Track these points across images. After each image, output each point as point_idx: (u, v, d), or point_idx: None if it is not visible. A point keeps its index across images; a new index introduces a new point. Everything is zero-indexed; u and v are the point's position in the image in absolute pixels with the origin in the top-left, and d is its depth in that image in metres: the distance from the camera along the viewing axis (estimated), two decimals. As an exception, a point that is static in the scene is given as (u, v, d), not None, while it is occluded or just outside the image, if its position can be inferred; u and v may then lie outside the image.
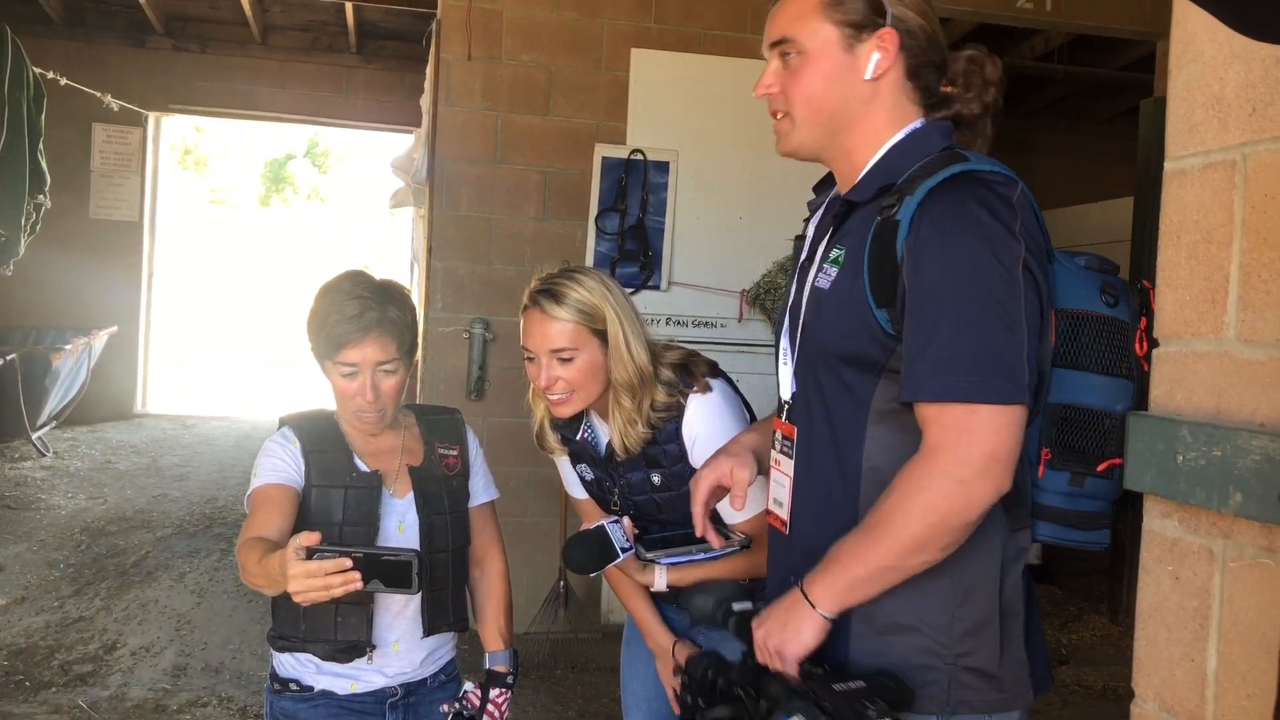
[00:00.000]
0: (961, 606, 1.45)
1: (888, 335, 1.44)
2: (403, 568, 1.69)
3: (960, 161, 1.44)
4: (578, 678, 4.49)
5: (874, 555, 1.40)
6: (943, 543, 1.38)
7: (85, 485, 7.27)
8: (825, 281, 1.53)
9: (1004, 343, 1.36)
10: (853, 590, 1.43)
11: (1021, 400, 1.36)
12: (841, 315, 1.49)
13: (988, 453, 1.35)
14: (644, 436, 2.06)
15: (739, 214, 5.06)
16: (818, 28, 1.51)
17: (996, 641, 1.47)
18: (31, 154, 6.17)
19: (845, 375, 1.50)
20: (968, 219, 1.38)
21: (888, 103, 1.53)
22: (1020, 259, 1.38)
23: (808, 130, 1.56)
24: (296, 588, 1.64)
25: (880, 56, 1.50)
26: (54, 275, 8.97)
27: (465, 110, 4.86)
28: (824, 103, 1.53)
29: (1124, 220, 5.72)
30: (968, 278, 1.36)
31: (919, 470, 1.38)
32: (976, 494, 1.36)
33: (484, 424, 4.66)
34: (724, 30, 5.01)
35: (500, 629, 2.24)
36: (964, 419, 1.35)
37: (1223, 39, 1.22)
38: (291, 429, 2.12)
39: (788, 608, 1.48)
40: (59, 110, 7.51)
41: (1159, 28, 5.37)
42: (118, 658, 4.36)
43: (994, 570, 1.46)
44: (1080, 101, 9.25)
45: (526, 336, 2.07)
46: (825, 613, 1.45)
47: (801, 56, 1.52)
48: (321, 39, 9.46)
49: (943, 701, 1.46)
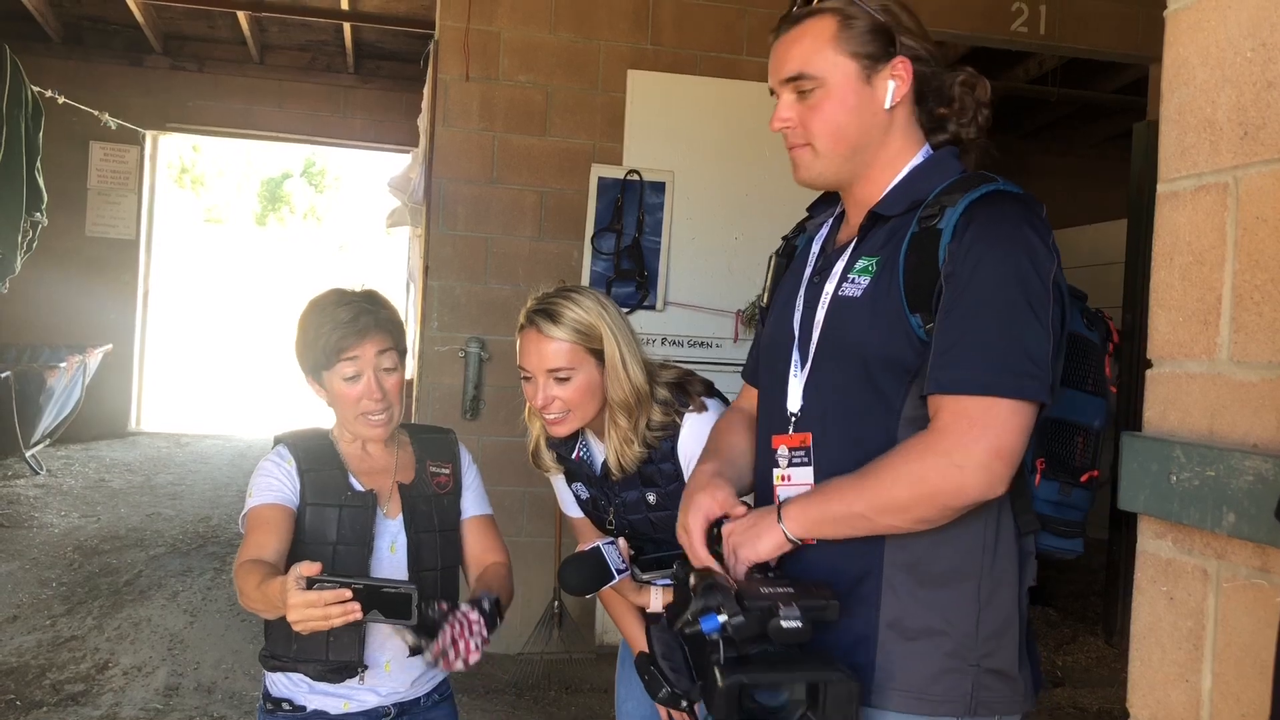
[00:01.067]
0: (986, 609, 1.48)
1: (921, 342, 1.47)
2: (402, 600, 1.69)
3: (992, 182, 1.49)
4: (572, 699, 4.47)
5: (854, 500, 1.44)
6: (921, 514, 1.42)
7: (78, 503, 7.24)
8: (855, 290, 1.55)
9: (1036, 343, 1.40)
10: (822, 524, 1.47)
11: (1044, 398, 1.40)
12: (878, 321, 1.51)
13: (993, 446, 1.38)
14: (640, 456, 2.06)
15: (734, 234, 5.08)
16: (835, 61, 1.54)
17: (1015, 643, 1.51)
18: (29, 172, 6.18)
19: (879, 380, 1.51)
20: (1011, 229, 1.44)
21: (902, 129, 1.59)
22: (1053, 273, 1.43)
23: (830, 160, 1.59)
24: (296, 617, 1.65)
25: (897, 85, 1.55)
26: (50, 293, 8.97)
27: (462, 130, 4.88)
28: (847, 133, 1.56)
29: (1117, 242, 5.75)
30: (1009, 281, 1.41)
31: (922, 443, 1.42)
32: (970, 482, 1.38)
33: (479, 443, 4.66)
34: (719, 52, 5.04)
35: (487, 583, 2.09)
36: (978, 410, 1.39)
37: (1214, 63, 1.23)
38: (287, 447, 2.12)
39: (759, 516, 1.53)
40: (57, 128, 7.54)
41: (1152, 51, 5.41)
42: (110, 677, 4.33)
43: (1014, 573, 1.50)
44: (1074, 125, 9.31)
45: (523, 356, 2.08)
46: (790, 532, 1.49)
47: (822, 90, 1.55)
48: (319, 59, 9.50)
49: (967, 704, 1.48)
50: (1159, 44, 1.33)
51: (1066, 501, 1.51)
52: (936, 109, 1.61)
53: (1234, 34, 1.20)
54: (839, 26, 1.54)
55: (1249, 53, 1.18)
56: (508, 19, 4.89)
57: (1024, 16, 5.34)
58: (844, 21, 1.54)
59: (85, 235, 9.39)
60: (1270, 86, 1.15)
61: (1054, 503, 1.51)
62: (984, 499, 1.40)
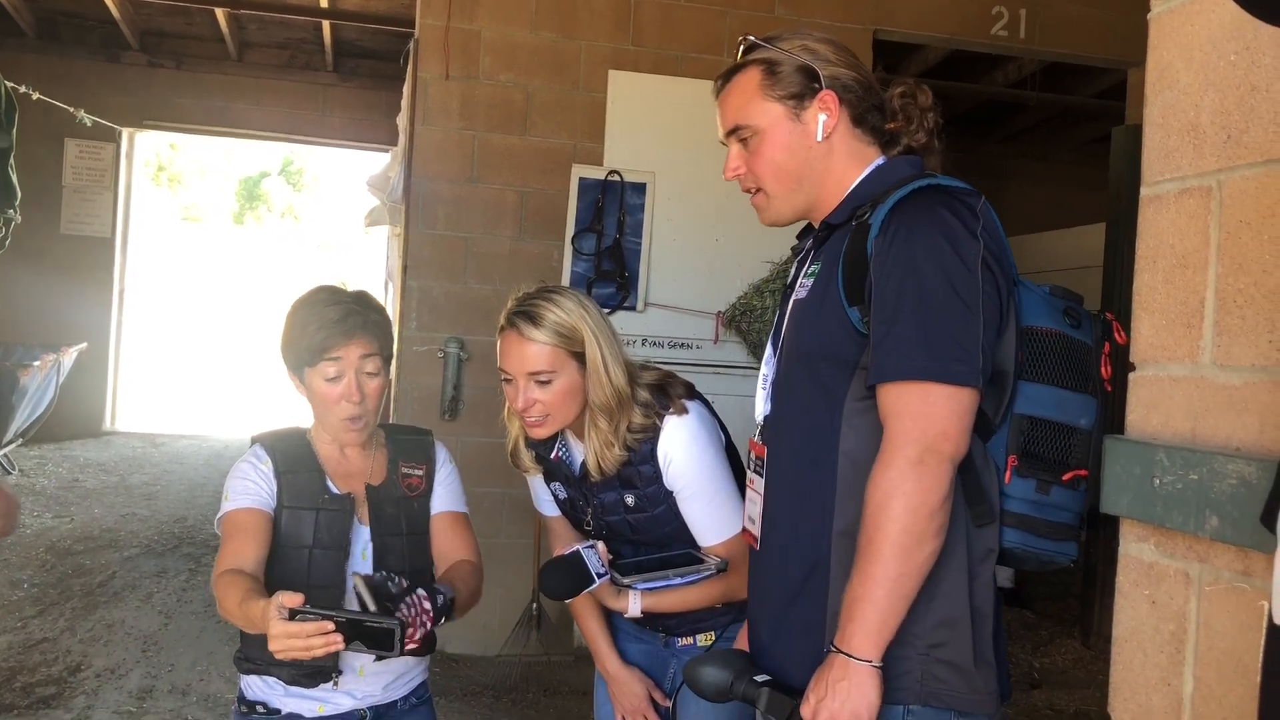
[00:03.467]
0: (934, 596, 1.49)
1: (859, 334, 1.53)
2: (385, 634, 1.68)
3: (929, 178, 1.56)
4: (550, 701, 4.45)
5: (882, 571, 1.43)
6: (934, 526, 1.43)
7: (52, 504, 7.17)
8: (803, 293, 1.64)
9: (959, 329, 1.44)
10: (884, 619, 1.44)
11: (974, 383, 1.44)
12: (818, 317, 1.59)
13: (939, 432, 1.43)
14: (620, 459, 2.05)
15: (715, 235, 5.07)
16: (764, 108, 1.65)
17: (969, 636, 1.51)
18: (2, 168, 6.11)
19: (822, 375, 1.58)
20: (931, 219, 1.49)
21: (843, 152, 1.66)
22: (980, 256, 1.47)
23: (780, 199, 1.69)
24: (277, 646, 1.64)
25: (826, 117, 1.64)
26: (23, 291, 8.88)
27: (442, 129, 4.86)
28: (788, 170, 1.66)
29: (1096, 246, 5.78)
30: (927, 269, 1.46)
31: (881, 467, 1.46)
32: (934, 469, 1.42)
33: (458, 444, 4.61)
34: (701, 53, 5.03)
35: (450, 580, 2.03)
36: (917, 403, 1.44)
37: (1198, 66, 1.23)
38: (264, 448, 2.09)
39: (835, 678, 1.45)
40: (31, 125, 7.44)
41: (1131, 56, 5.44)
42: (82, 679, 4.28)
43: (960, 560, 1.51)
44: (1053, 129, 9.36)
45: (504, 359, 2.06)
46: (871, 659, 1.44)
47: (757, 136, 1.66)
48: (298, 57, 9.44)
49: (915, 691, 1.50)
50: (1138, 49, 1.33)
51: (1047, 501, 1.50)
52: (884, 125, 1.69)
53: (1217, 37, 1.20)
54: (763, 75, 1.65)
55: (1232, 56, 1.18)
56: (488, 18, 4.87)
57: (1004, 21, 5.36)
58: (767, 69, 1.65)
59: (60, 233, 9.29)
60: (1254, 90, 1.15)
61: (1031, 501, 1.51)
62: (955, 466, 1.44)
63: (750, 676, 1.59)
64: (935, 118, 1.70)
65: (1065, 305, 1.56)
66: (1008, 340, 1.51)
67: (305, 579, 1.96)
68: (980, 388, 1.45)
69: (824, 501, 1.56)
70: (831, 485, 1.55)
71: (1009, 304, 1.51)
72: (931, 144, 1.70)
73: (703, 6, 5.05)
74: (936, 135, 1.71)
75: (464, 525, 2.21)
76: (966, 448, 1.45)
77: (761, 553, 1.69)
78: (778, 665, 1.62)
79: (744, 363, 5.04)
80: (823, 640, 1.52)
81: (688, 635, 2.21)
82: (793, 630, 1.61)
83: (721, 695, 1.61)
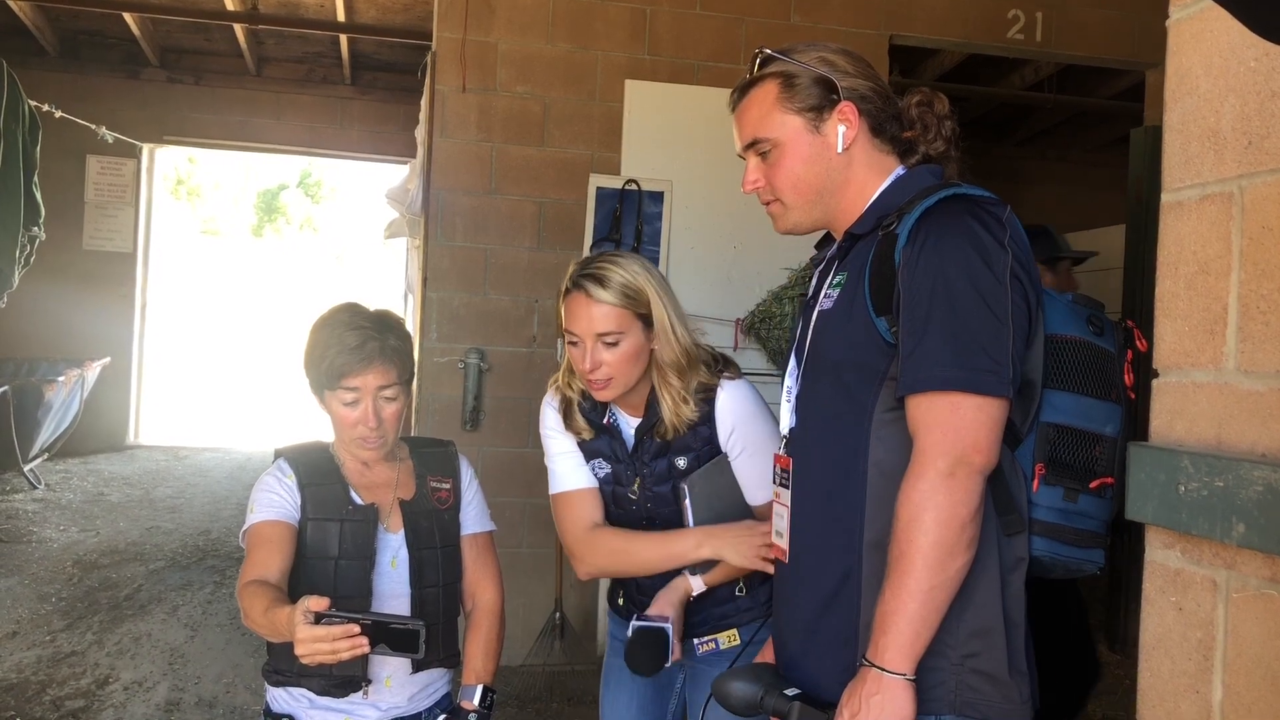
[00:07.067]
0: (968, 606, 1.48)
1: (887, 344, 1.53)
2: (410, 635, 1.70)
3: (954, 188, 1.56)
4: (574, 710, 4.45)
5: (915, 584, 1.42)
6: (966, 538, 1.43)
7: (77, 518, 7.22)
8: (829, 304, 1.64)
9: (989, 340, 1.44)
10: (917, 632, 1.43)
11: (1004, 394, 1.44)
12: (845, 327, 1.59)
13: (970, 443, 1.43)
14: (692, 416, 2.09)
15: (733, 243, 5.07)
16: (783, 120, 1.66)
17: (1003, 646, 1.51)
18: (26, 186, 6.17)
19: (850, 385, 1.57)
20: (960, 229, 1.49)
21: (863, 162, 1.67)
22: (1009, 266, 1.47)
23: (799, 210, 1.70)
24: (303, 651, 1.65)
25: (846, 129, 1.65)
26: (47, 307, 8.95)
27: (460, 141, 4.88)
28: (807, 182, 1.67)
29: (1116, 247, 5.74)
30: (956, 280, 1.46)
31: (912, 480, 1.45)
32: (965, 481, 1.42)
33: (479, 454, 4.64)
34: (716, 62, 5.04)
35: (477, 667, 2.17)
36: (948, 415, 1.43)
37: (1218, 72, 1.23)
38: (287, 461, 2.11)
39: (869, 692, 1.45)
40: (54, 142, 7.53)
41: (1148, 57, 5.42)
42: (110, 693, 4.31)
43: (993, 570, 1.50)
44: (1070, 130, 9.32)
45: (571, 320, 2.08)
46: (905, 672, 1.44)
47: (777, 150, 1.67)
48: (316, 70, 9.50)
49: (949, 701, 1.49)
50: (1155, 50, 1.33)
51: (1075, 509, 1.51)
52: (901, 134, 1.69)
53: (1237, 44, 1.20)
54: (781, 88, 1.65)
55: (1252, 62, 1.18)
56: (505, 30, 4.89)
57: (1020, 24, 5.34)
58: (785, 82, 1.65)
59: (83, 249, 9.38)
60: (1274, 96, 1.15)
61: (1059, 509, 1.51)
62: (985, 477, 1.44)
63: (780, 690, 1.58)
64: (952, 125, 1.71)
65: (1089, 313, 1.56)
66: (1036, 350, 1.51)
67: (332, 589, 1.98)
68: (1010, 398, 1.45)
69: (854, 513, 1.56)
70: (861, 497, 1.55)
71: (1038, 313, 1.51)
72: (949, 152, 1.70)
73: (718, 15, 5.06)
74: (954, 143, 1.70)
75: (490, 548, 2.28)
76: (997, 459, 1.45)
77: (790, 565, 1.69)
78: (808, 678, 1.62)
79: (764, 370, 5.03)
80: (854, 653, 1.52)
81: (709, 635, 2.20)
82: (823, 643, 1.61)
83: (751, 710, 1.60)
